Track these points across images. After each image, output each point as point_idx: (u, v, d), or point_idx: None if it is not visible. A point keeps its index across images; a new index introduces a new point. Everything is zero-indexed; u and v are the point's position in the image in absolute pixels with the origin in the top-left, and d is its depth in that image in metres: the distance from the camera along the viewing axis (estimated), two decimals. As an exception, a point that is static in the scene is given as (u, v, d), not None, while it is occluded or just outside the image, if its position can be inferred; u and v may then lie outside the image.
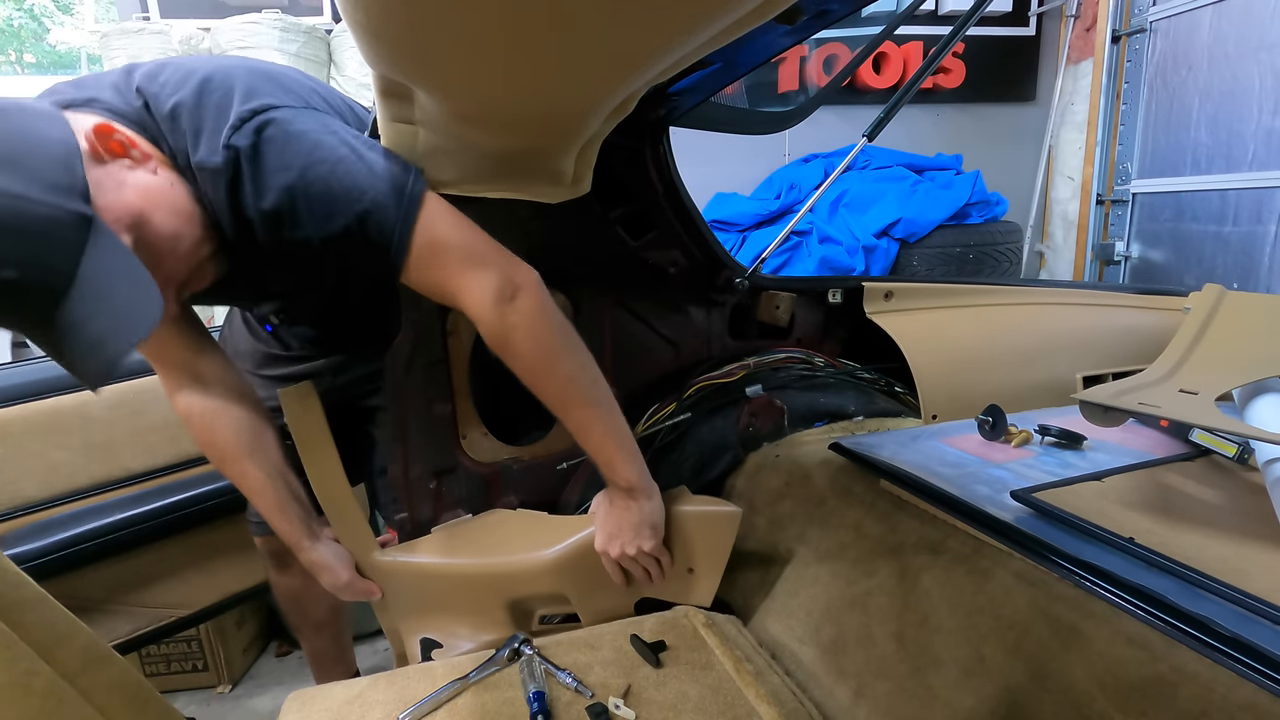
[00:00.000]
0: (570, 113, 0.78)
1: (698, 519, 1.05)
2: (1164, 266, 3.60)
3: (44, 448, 1.41)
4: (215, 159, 0.79)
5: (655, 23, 0.53)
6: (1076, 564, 0.76)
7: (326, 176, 0.80)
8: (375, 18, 0.53)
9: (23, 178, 0.64)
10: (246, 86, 0.82)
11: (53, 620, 0.69)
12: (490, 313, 0.87)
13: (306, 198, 0.80)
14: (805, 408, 1.39)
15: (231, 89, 0.81)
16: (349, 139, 0.83)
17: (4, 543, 1.33)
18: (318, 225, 0.81)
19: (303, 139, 0.80)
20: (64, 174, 0.68)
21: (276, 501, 1.09)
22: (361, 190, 0.81)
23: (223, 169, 0.79)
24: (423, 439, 1.21)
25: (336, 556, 1.11)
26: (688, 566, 1.08)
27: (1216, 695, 0.60)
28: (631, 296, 1.36)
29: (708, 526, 1.05)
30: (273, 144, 0.79)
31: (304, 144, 0.80)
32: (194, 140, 0.80)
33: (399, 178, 0.83)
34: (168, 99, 0.81)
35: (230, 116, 0.79)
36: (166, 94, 0.81)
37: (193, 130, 0.80)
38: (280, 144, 0.79)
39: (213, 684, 1.91)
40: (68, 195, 0.67)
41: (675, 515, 1.05)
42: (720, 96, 1.13)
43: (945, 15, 3.69)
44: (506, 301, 0.87)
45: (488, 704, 0.87)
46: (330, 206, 0.80)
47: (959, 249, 3.08)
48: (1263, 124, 3.08)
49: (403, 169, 0.84)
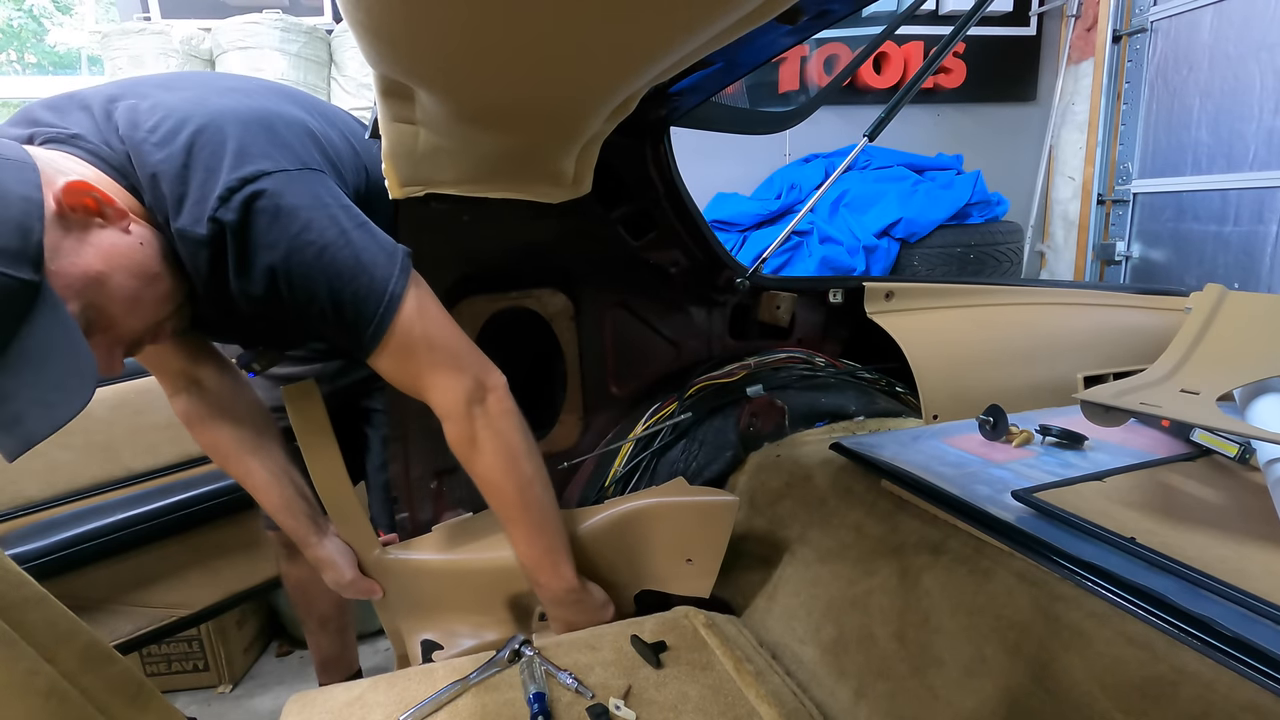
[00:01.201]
0: (571, 112, 0.78)
1: (695, 509, 1.06)
2: (1165, 266, 3.60)
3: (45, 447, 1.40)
4: (199, 230, 0.76)
5: (656, 23, 0.53)
6: (1078, 564, 0.75)
7: (311, 262, 0.78)
8: (376, 17, 0.53)
9: None
10: (239, 146, 0.78)
11: (54, 620, 0.69)
12: (460, 413, 0.88)
13: (289, 281, 0.79)
14: (806, 408, 1.39)
15: (222, 149, 0.77)
16: (340, 217, 0.81)
17: (6, 542, 1.33)
18: (297, 307, 0.81)
19: (292, 217, 0.78)
20: (18, 239, 0.64)
21: (282, 499, 1.10)
22: (344, 280, 0.80)
23: (206, 241, 0.77)
24: (424, 439, 1.21)
25: (341, 554, 1.11)
26: (686, 558, 1.09)
27: (1218, 695, 0.60)
28: (632, 296, 1.36)
29: (705, 517, 1.06)
30: (260, 219, 0.77)
31: (293, 224, 0.78)
32: (176, 206, 0.77)
33: (384, 269, 0.82)
34: (151, 156, 0.77)
35: (218, 185, 0.76)
36: (150, 150, 0.77)
37: (176, 196, 0.77)
38: (268, 221, 0.77)
39: (214, 684, 1.91)
40: (15, 262, 0.64)
41: (673, 506, 1.06)
42: (721, 96, 1.13)
43: (946, 15, 3.68)
44: (477, 403, 0.89)
45: (488, 705, 0.87)
46: (311, 292, 0.80)
47: (960, 249, 3.08)
48: (1264, 124, 3.08)
49: (388, 258, 0.83)
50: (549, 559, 0.99)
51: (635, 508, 1.07)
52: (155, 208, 0.79)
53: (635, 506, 1.07)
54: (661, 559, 1.10)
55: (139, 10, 3.13)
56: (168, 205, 0.78)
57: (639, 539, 1.08)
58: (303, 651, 2.09)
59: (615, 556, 1.09)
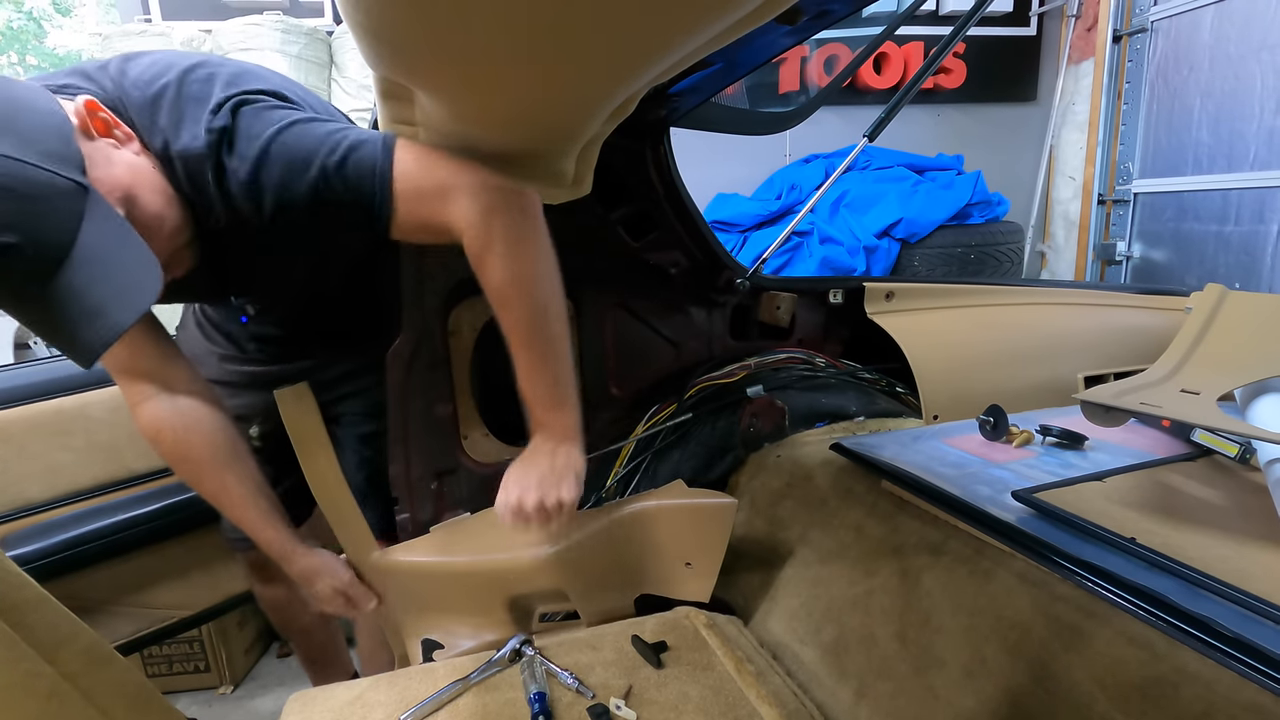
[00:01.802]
0: (571, 114, 0.78)
1: (693, 512, 1.05)
2: (1165, 266, 3.60)
3: (47, 449, 1.42)
4: (198, 144, 0.79)
5: (656, 25, 0.53)
6: (1078, 564, 0.75)
7: (300, 133, 0.80)
8: (376, 19, 0.53)
9: (21, 143, 0.64)
10: (230, 75, 0.82)
11: (55, 621, 0.69)
12: (475, 220, 0.83)
13: (284, 149, 0.79)
14: (806, 408, 1.39)
15: (213, 78, 0.81)
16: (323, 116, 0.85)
17: (7, 544, 1.33)
18: (296, 177, 0.80)
19: (276, 111, 0.81)
20: (60, 143, 0.67)
21: (260, 513, 1.06)
22: (335, 139, 0.80)
23: (206, 153, 0.79)
24: (424, 439, 1.21)
25: (331, 560, 1.09)
26: (685, 561, 1.08)
27: (1218, 695, 0.60)
28: (633, 297, 1.36)
29: (704, 519, 1.05)
30: (245, 117, 0.80)
31: (277, 114, 0.81)
32: (175, 129, 0.80)
33: (366, 132, 0.83)
34: (148, 87, 0.80)
35: (210, 103, 0.79)
36: (146, 82, 0.81)
37: (174, 120, 0.80)
38: (252, 116, 0.80)
39: (215, 685, 1.91)
40: (64, 164, 0.66)
41: (671, 509, 1.05)
42: (721, 97, 1.13)
43: (946, 15, 3.69)
44: (497, 213, 0.84)
45: (489, 705, 0.87)
46: (308, 157, 0.79)
47: (960, 249, 3.08)
48: (1264, 124, 3.08)
49: (372, 128, 0.86)
50: (553, 393, 0.93)
51: (632, 511, 1.06)
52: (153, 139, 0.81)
53: (633, 510, 1.06)
54: (660, 563, 1.09)
55: (140, 12, 3.14)
56: (166, 131, 0.80)
57: (637, 543, 1.07)
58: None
59: (613, 561, 1.08)
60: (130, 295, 0.69)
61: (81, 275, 0.66)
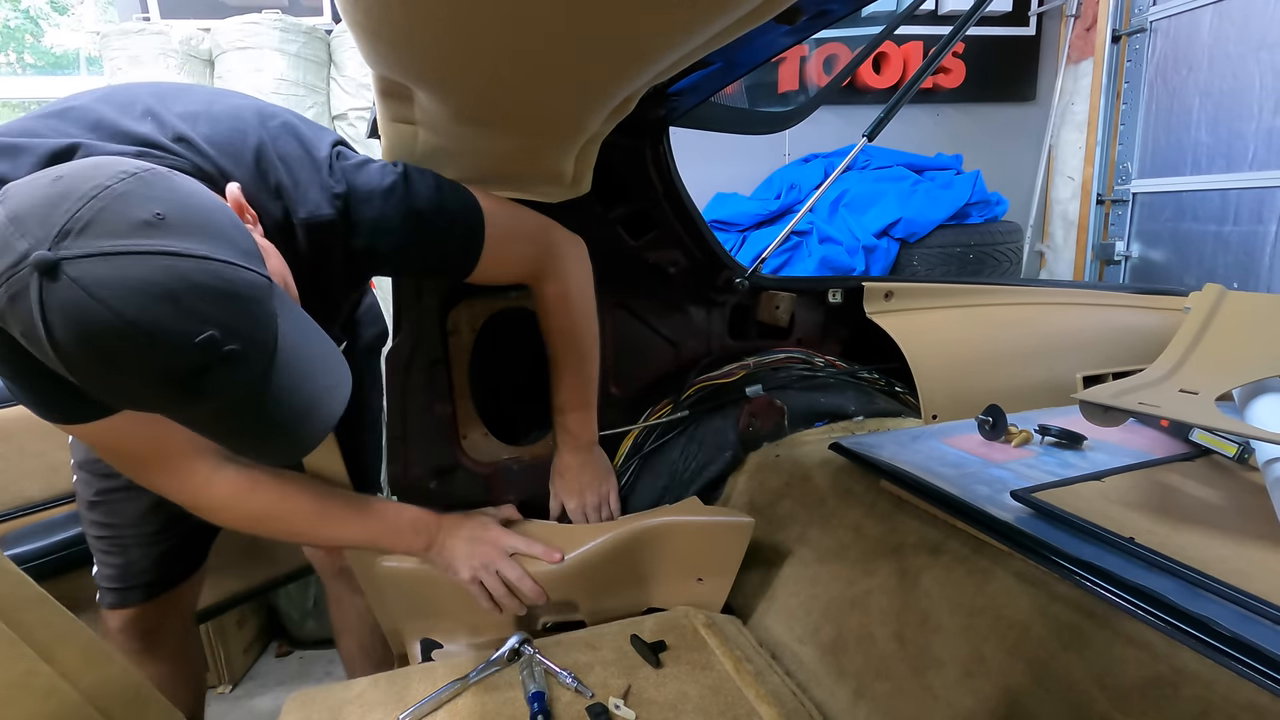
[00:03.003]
0: (570, 113, 0.78)
1: (711, 530, 1.05)
2: (1164, 266, 3.60)
3: (46, 448, 1.42)
4: (325, 212, 0.81)
5: (656, 24, 0.53)
6: (1077, 564, 0.75)
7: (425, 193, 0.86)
8: (375, 18, 0.53)
9: (227, 245, 0.60)
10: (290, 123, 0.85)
11: (53, 620, 0.69)
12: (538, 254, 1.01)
13: (403, 203, 0.85)
14: (805, 408, 1.39)
15: (290, 129, 0.83)
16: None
17: (5, 542, 1.33)
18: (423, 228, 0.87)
19: (359, 159, 0.85)
20: (248, 240, 0.64)
21: (389, 521, 1.00)
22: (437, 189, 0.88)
23: (336, 219, 0.82)
24: (423, 439, 1.21)
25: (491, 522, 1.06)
26: (697, 576, 1.08)
27: (1217, 695, 0.60)
28: (632, 296, 1.36)
29: (720, 537, 1.05)
30: (349, 173, 0.84)
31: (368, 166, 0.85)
32: (295, 198, 0.81)
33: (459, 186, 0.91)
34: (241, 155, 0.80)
35: (316, 164, 0.82)
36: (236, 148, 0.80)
37: (291, 187, 0.81)
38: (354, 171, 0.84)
39: (213, 684, 1.91)
40: (255, 260, 0.63)
41: (687, 526, 1.05)
42: (720, 96, 1.13)
43: (945, 15, 3.68)
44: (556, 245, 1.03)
45: (488, 704, 0.87)
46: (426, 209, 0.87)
47: (959, 249, 3.07)
48: (1263, 124, 3.08)
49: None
50: (584, 411, 1.12)
51: (648, 526, 1.05)
52: (266, 212, 0.81)
53: (648, 525, 1.05)
54: (672, 577, 1.09)
55: (138, 10, 3.13)
56: (287, 203, 0.81)
57: (650, 557, 1.07)
58: (302, 652, 2.09)
59: (625, 573, 1.08)
60: (336, 388, 0.69)
61: (286, 374, 0.64)
